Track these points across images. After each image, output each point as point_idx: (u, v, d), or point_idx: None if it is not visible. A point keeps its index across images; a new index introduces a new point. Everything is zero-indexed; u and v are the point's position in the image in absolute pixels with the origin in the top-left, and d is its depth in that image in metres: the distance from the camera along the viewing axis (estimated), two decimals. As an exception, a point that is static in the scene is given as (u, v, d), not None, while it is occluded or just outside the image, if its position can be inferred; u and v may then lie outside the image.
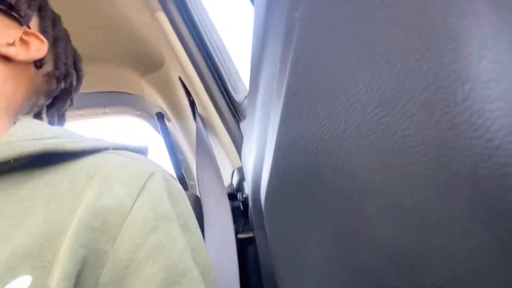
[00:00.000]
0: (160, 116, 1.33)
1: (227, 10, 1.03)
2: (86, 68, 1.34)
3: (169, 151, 1.36)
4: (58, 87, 0.61)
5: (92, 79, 1.29)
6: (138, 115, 1.44)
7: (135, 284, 0.37)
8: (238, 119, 0.89)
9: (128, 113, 1.43)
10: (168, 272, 0.38)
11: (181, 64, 0.94)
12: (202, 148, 0.88)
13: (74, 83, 0.66)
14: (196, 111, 1.00)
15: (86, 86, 1.35)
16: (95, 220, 0.38)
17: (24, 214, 0.39)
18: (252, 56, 0.37)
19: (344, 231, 0.24)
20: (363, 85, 0.16)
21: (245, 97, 0.85)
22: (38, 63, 0.54)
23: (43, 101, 0.61)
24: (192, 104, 1.02)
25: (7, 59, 0.49)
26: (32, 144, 0.43)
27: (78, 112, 1.36)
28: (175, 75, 1.06)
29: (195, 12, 0.92)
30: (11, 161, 0.41)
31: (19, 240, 0.36)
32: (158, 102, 1.29)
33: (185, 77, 0.96)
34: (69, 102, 0.66)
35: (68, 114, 1.56)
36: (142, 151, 0.52)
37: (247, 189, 0.79)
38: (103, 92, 1.35)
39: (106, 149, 0.48)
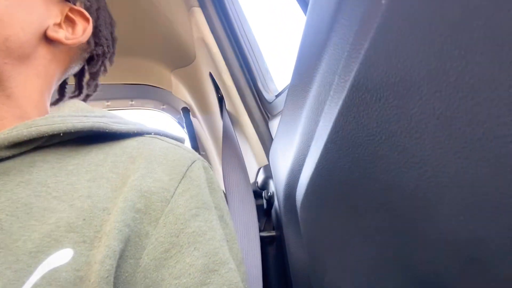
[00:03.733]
0: (186, 110, 1.35)
1: (262, 9, 1.03)
2: (118, 60, 1.35)
3: (192, 146, 1.37)
4: (96, 61, 0.60)
5: (122, 71, 1.32)
6: (164, 109, 1.45)
7: (175, 267, 0.37)
8: (267, 117, 0.89)
9: (154, 107, 1.45)
10: (207, 259, 0.38)
11: (213, 60, 0.95)
12: (229, 144, 0.89)
13: (110, 51, 0.62)
14: (224, 107, 1.01)
15: (116, 77, 1.38)
16: (139, 201, 0.39)
17: (69, 188, 0.39)
18: (301, 49, 0.37)
19: (401, 227, 0.23)
20: (453, 73, 0.15)
21: (276, 96, 0.85)
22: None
23: (75, 70, 0.60)
24: (221, 100, 1.02)
25: (52, 41, 0.48)
26: (82, 120, 0.44)
27: (106, 103, 1.39)
28: (205, 70, 1.07)
29: (231, 9, 0.92)
30: (61, 134, 0.42)
31: (63, 212, 0.37)
32: (185, 97, 1.30)
33: (216, 73, 0.97)
34: (102, 68, 0.63)
35: (96, 104, 1.59)
36: (180, 140, 0.53)
37: (273, 187, 0.79)
38: (132, 84, 1.38)
39: (148, 133, 0.49)
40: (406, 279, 0.23)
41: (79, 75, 0.62)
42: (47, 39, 0.48)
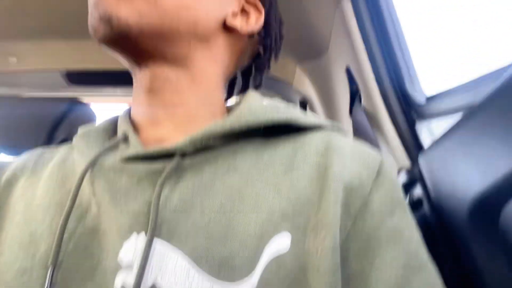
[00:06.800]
0: (303, 104, 1.35)
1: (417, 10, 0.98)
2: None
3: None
4: (265, 53, 0.61)
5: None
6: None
7: (374, 262, 0.37)
8: (413, 119, 0.84)
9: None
10: (408, 259, 0.37)
11: (354, 54, 0.93)
12: (362, 141, 0.86)
13: (277, 46, 0.63)
14: (357, 102, 0.98)
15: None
16: (343, 195, 0.39)
17: (271, 177, 0.41)
18: None
19: None
20: None
21: (428, 98, 0.80)
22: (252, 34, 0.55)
23: (245, 65, 0.62)
24: (354, 94, 1.00)
25: (229, 29, 0.51)
26: (279, 113, 0.45)
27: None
28: (339, 65, 1.05)
29: (382, 2, 0.89)
30: (262, 127, 0.44)
31: (273, 200, 0.38)
32: (306, 90, 1.30)
33: (356, 67, 0.95)
34: (267, 64, 0.64)
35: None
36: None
37: (421, 192, 0.74)
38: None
39: (326, 128, 0.49)
40: None
41: (245, 72, 0.64)
42: (224, 27, 0.50)
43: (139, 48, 0.44)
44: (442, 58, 0.90)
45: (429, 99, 0.80)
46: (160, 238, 0.35)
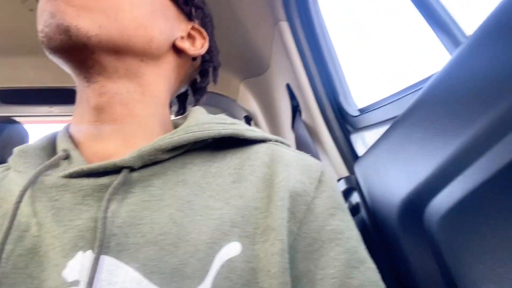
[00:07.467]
0: (248, 119, 1.38)
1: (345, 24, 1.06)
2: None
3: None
4: (204, 78, 0.65)
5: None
6: (224, 116, 1.50)
7: (320, 260, 0.39)
8: (348, 130, 0.91)
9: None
10: (349, 256, 0.40)
11: (293, 72, 0.98)
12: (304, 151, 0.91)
13: (216, 71, 0.67)
14: (298, 117, 1.03)
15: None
16: (288, 201, 0.42)
17: (219, 188, 0.43)
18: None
19: None
20: None
21: (360, 110, 0.87)
22: (195, 57, 0.59)
23: (183, 89, 0.65)
24: (295, 109, 1.05)
25: (178, 51, 0.54)
26: (224, 128, 0.47)
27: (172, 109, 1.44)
28: (280, 81, 1.10)
29: (316, 24, 0.96)
30: (209, 140, 0.46)
31: (222, 209, 0.40)
32: (250, 106, 1.34)
33: (295, 84, 1.00)
34: (204, 89, 0.67)
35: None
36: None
37: (358, 198, 0.80)
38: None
39: (270, 140, 0.52)
40: None
41: (182, 97, 0.67)
42: (174, 48, 0.54)
43: (93, 60, 0.44)
44: (371, 73, 1.00)
45: (361, 110, 0.87)
46: (108, 255, 0.35)
